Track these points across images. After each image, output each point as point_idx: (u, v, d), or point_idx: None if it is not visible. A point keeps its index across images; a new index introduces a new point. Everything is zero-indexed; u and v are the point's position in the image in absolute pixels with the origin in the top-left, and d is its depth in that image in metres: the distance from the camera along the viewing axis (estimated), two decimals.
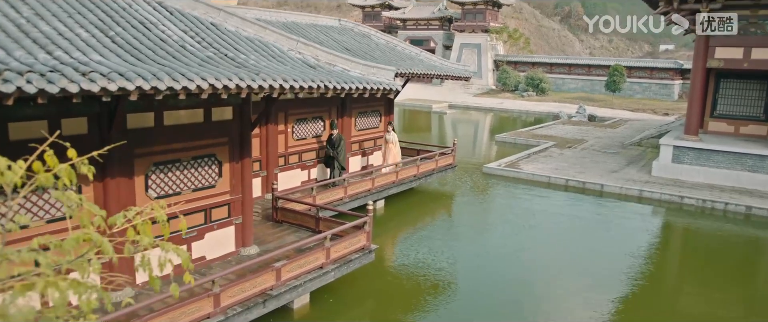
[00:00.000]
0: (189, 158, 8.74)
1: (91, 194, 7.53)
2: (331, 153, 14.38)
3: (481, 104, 47.00)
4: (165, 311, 6.86)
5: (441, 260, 12.40)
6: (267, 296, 8.16)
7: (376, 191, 14.88)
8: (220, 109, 9.07)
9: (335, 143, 14.35)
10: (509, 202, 17.81)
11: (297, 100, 14.11)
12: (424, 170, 16.96)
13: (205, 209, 9.11)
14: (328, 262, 9.31)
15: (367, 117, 16.87)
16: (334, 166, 14.45)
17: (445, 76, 17.14)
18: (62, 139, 6.41)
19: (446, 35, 61.00)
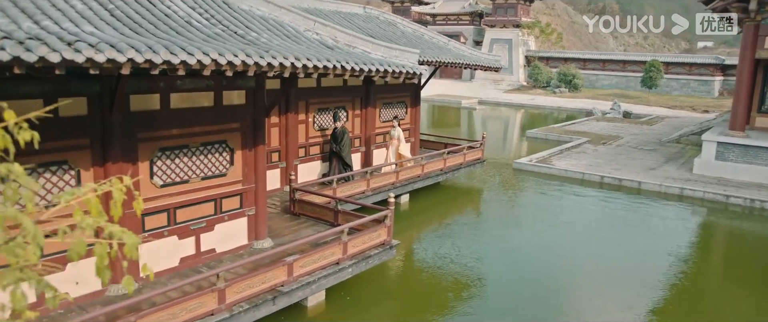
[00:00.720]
0: (198, 145, 8.21)
1: (90, 180, 7.05)
2: (334, 148, 13.32)
3: (512, 100, 45.86)
4: (164, 307, 6.32)
5: (467, 257, 11.66)
6: (277, 292, 7.58)
7: (400, 184, 14.22)
8: (232, 93, 8.52)
9: (338, 137, 13.31)
10: (540, 198, 16.93)
11: (318, 89, 13.57)
12: (451, 164, 16.22)
13: (215, 199, 8.58)
14: (345, 257, 8.69)
15: (393, 108, 16.20)
16: (336, 162, 13.43)
17: (473, 65, 16.36)
18: (59, 120, 5.93)
19: (477, 31, 59.93)
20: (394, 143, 14.69)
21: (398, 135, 14.70)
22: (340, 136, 13.27)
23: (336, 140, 13.32)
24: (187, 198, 8.17)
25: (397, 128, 14.83)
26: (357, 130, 15.01)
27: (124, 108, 7.24)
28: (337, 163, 13.36)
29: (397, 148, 14.73)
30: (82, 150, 6.94)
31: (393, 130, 14.90)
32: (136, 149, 7.46)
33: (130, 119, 7.31)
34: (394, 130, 14.85)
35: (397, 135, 14.70)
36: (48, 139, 6.69)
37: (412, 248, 12.56)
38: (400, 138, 14.73)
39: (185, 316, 6.46)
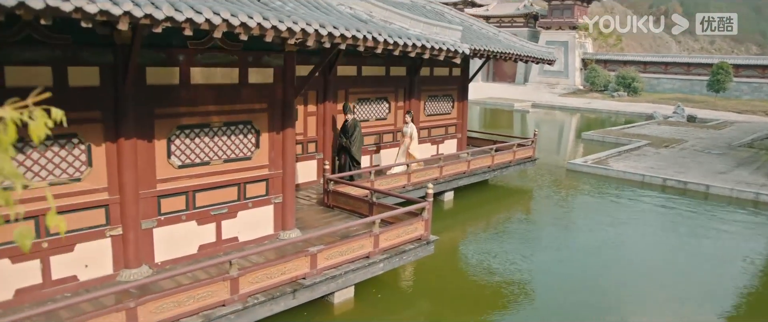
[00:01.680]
0: (220, 124, 7.66)
1: (102, 156, 6.59)
2: (344, 142, 11.90)
3: (567, 104, 44.06)
4: (169, 294, 5.73)
5: (514, 260, 10.65)
6: (298, 285, 6.89)
7: (443, 180, 13.36)
8: (258, 70, 7.93)
9: (349, 130, 11.87)
10: (596, 200, 15.67)
11: (359, 78, 12.92)
12: (499, 161, 15.24)
13: (239, 184, 8.00)
14: (376, 251, 7.93)
15: (438, 101, 15.39)
16: (345, 158, 12.00)
17: (525, 56, 15.32)
18: (69, 90, 5.44)
19: (531, 33, 58.11)
20: (406, 142, 12.98)
21: (411, 132, 13.02)
22: (350, 129, 11.91)
23: (346, 134, 11.98)
24: (208, 181, 7.62)
25: (409, 124, 13.10)
26: (400, 124, 14.25)
27: (140, 81, 6.74)
28: (347, 159, 12.04)
29: (408, 146, 13.00)
30: (94, 123, 6.48)
31: (405, 127, 13.17)
32: (151, 126, 6.95)
33: (145, 93, 6.81)
34: (407, 127, 13.11)
35: (410, 132, 13.02)
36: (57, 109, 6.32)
37: (454, 247, 11.67)
38: (413, 136, 13.02)
39: (192, 305, 5.86)
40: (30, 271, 6.20)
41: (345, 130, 11.96)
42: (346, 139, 11.91)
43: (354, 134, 11.79)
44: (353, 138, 11.79)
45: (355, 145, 11.83)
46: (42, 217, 6.19)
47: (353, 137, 11.79)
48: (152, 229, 7.11)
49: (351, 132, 11.82)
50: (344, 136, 11.97)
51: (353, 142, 11.80)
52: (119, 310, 5.32)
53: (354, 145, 11.81)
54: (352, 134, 11.79)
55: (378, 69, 13.36)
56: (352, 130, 11.83)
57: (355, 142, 11.82)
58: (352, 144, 11.80)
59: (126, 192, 6.75)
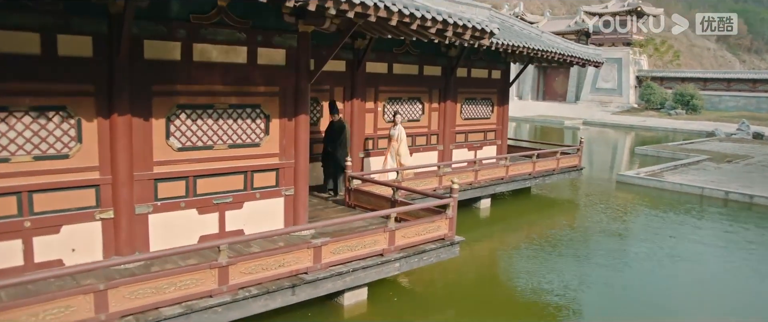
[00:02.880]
0: (226, 106, 7.13)
1: (94, 133, 6.14)
2: (329, 147, 10.32)
3: (621, 122, 42.19)
4: (147, 278, 5.15)
5: (552, 276, 9.43)
6: (298, 279, 6.20)
7: (479, 185, 12.49)
8: (268, 51, 7.40)
9: (336, 133, 10.26)
10: (648, 214, 14.34)
11: (390, 76, 12.30)
12: (541, 169, 14.24)
13: (245, 172, 7.43)
14: (391, 248, 7.17)
15: (476, 105, 14.57)
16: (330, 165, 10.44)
17: (568, 56, 14.31)
18: (58, 59, 4.99)
19: None
20: (393, 145, 11.34)
21: (398, 134, 11.33)
22: (337, 132, 10.24)
23: (332, 137, 10.26)
24: (210, 167, 7.09)
25: (397, 126, 11.37)
26: (434, 126, 13.53)
27: (137, 54, 6.30)
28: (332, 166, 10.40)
29: (397, 150, 11.38)
30: (85, 97, 6.06)
31: (393, 130, 11.43)
32: (149, 103, 6.48)
33: (143, 68, 6.36)
34: (394, 129, 11.41)
35: (397, 134, 11.33)
36: (43, 79, 5.91)
37: (489, 257, 10.73)
38: (401, 138, 11.33)
39: (174, 293, 5.25)
40: (11, 251, 5.77)
41: (331, 133, 10.35)
42: (331, 143, 10.34)
43: (340, 138, 10.26)
44: (340, 142, 10.24)
45: (342, 150, 10.26)
46: (25, 193, 5.78)
47: (340, 141, 10.25)
48: (147, 214, 6.60)
49: (337, 135, 10.27)
50: (329, 140, 10.38)
51: (339, 146, 10.24)
52: (86, 292, 4.76)
53: (340, 150, 10.24)
54: (338, 138, 10.25)
55: (410, 67, 12.71)
56: (339, 134, 10.28)
57: (341, 147, 10.26)
58: (337, 149, 10.24)
59: (118, 173, 6.28)
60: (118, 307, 4.93)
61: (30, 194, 5.83)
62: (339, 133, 10.30)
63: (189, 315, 5.32)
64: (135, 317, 5.05)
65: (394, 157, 11.43)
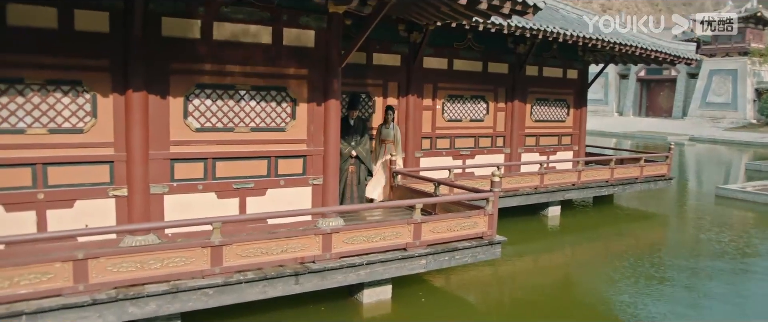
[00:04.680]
0: (248, 87, 6.90)
1: (109, 109, 6.10)
2: (347, 148, 8.48)
3: (734, 138, 38.25)
4: (131, 251, 4.92)
5: (627, 302, 7.92)
6: (304, 267, 5.74)
7: (544, 189, 11.48)
8: (296, 31, 7.11)
9: (356, 130, 8.66)
10: (754, 234, 12.45)
11: (450, 72, 11.70)
12: (621, 176, 12.91)
13: (269, 157, 7.13)
14: (416, 243, 6.54)
15: (549, 106, 13.54)
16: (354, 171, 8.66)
17: (654, 52, 12.82)
18: (75, 34, 4.98)
19: None
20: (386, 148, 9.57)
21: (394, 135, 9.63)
22: (357, 128, 8.68)
23: (349, 133, 8.53)
24: (231, 150, 6.86)
25: (392, 125, 9.69)
26: (499, 127, 12.69)
27: (154, 31, 6.22)
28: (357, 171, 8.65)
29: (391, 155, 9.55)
30: (101, 72, 6.04)
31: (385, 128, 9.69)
32: (166, 81, 6.37)
33: (160, 45, 6.27)
34: (388, 128, 9.66)
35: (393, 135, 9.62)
36: (59, 53, 5.96)
37: (553, 271, 9.57)
38: (397, 140, 9.65)
39: (160, 270, 4.99)
40: (24, 222, 5.80)
41: (348, 129, 8.51)
42: (351, 140, 8.55)
43: (364, 138, 8.77)
44: (365, 142, 8.79)
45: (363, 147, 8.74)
46: (39, 165, 5.82)
47: (364, 141, 8.78)
48: (163, 195, 6.46)
49: (359, 132, 8.70)
50: (347, 139, 8.47)
51: (364, 148, 8.75)
52: (65, 260, 4.60)
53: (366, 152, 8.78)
54: (360, 136, 8.70)
55: (473, 64, 12.02)
56: (361, 131, 8.72)
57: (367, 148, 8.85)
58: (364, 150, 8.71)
59: (133, 150, 6.19)
60: (98, 278, 4.74)
61: (44, 166, 5.86)
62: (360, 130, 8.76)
63: (176, 294, 5.04)
64: (117, 291, 4.82)
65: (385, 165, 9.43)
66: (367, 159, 8.76)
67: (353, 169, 8.69)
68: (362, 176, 8.82)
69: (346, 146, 8.50)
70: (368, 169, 8.82)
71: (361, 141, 8.74)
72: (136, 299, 4.82)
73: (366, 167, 8.76)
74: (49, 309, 4.50)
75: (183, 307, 5.08)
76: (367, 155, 8.79)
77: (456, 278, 8.22)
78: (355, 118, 8.77)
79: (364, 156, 8.71)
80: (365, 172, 8.79)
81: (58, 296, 4.61)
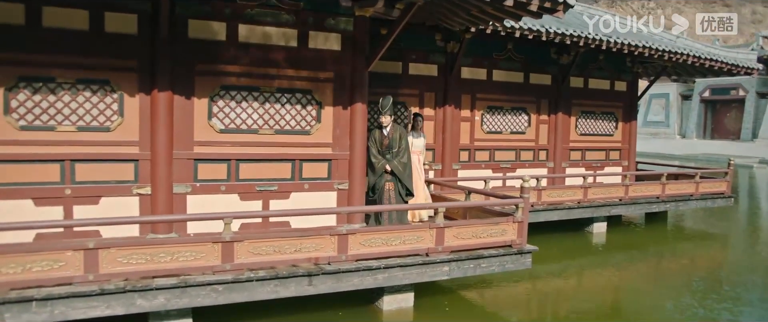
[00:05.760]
0: (273, 90, 6.92)
1: (135, 109, 6.24)
2: (381, 162, 7.40)
3: None
4: (140, 244, 4.94)
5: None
6: (318, 268, 5.61)
7: (588, 204, 10.95)
8: (322, 35, 7.11)
9: (392, 144, 7.44)
10: None
11: (489, 83, 11.46)
12: (673, 192, 12.17)
13: (293, 160, 7.11)
14: (438, 248, 6.30)
15: (595, 119, 13.03)
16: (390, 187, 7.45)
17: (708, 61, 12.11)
18: (105, 36, 5.21)
19: (762, 81, 49.36)
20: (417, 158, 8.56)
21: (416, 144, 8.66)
22: (393, 141, 7.44)
23: (385, 147, 7.46)
24: (254, 152, 6.87)
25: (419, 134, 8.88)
26: (542, 140, 12.28)
27: (181, 33, 6.36)
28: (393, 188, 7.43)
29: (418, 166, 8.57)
30: (128, 72, 6.20)
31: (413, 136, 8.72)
32: (191, 82, 6.48)
33: (186, 47, 6.40)
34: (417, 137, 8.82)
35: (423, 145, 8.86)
36: (89, 54, 6.15)
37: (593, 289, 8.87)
38: (421, 150, 8.78)
39: (169, 263, 4.98)
40: (52, 216, 5.96)
41: (380, 141, 7.46)
42: (383, 153, 7.43)
43: (401, 148, 7.46)
44: (402, 155, 7.44)
45: (406, 166, 7.48)
46: (68, 161, 5.99)
47: (402, 154, 7.44)
48: (186, 195, 6.52)
49: (396, 145, 7.45)
50: (379, 148, 7.45)
51: (402, 161, 7.43)
52: (76, 249, 4.66)
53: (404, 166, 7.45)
54: (399, 149, 7.45)
55: (514, 74, 11.73)
56: (399, 143, 7.46)
57: (405, 162, 7.46)
58: (402, 164, 7.42)
59: (158, 150, 6.29)
60: (108, 269, 4.77)
61: (72, 162, 6.04)
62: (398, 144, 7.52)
63: (185, 289, 5.00)
64: (125, 282, 4.84)
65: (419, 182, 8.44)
66: (403, 175, 7.40)
67: (391, 186, 7.44)
68: (402, 193, 7.48)
69: (380, 160, 7.40)
70: (407, 187, 7.45)
71: (398, 153, 7.45)
72: (145, 291, 4.82)
73: (404, 184, 7.43)
74: (59, 297, 4.56)
75: (192, 302, 5.05)
76: (405, 171, 7.44)
77: (490, 293, 7.86)
78: (390, 124, 7.55)
79: (400, 171, 7.38)
80: (404, 190, 7.46)
81: (69, 284, 4.65)
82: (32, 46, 5.82)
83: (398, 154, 7.47)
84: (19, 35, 5.78)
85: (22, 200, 5.85)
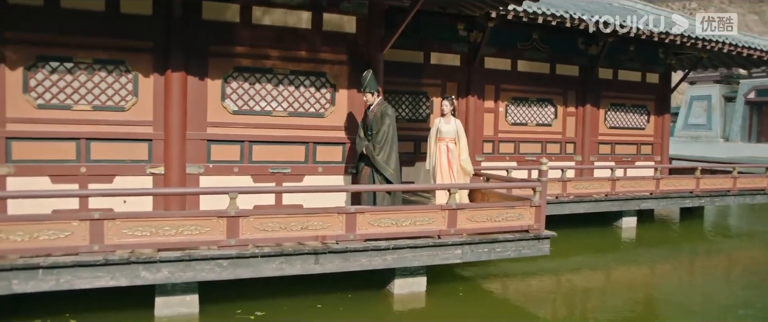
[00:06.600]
0: (287, 72, 6.92)
1: (150, 89, 6.32)
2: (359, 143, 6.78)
3: None
4: (145, 217, 4.97)
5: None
6: (325, 246, 5.54)
7: (615, 197, 10.58)
8: (336, 17, 7.09)
9: (371, 126, 6.68)
10: None
11: (514, 74, 11.24)
12: (708, 187, 11.66)
13: (307, 143, 7.09)
14: (451, 231, 6.15)
15: (625, 112, 12.63)
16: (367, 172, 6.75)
17: (745, 49, 11.55)
18: (121, 16, 5.31)
19: None
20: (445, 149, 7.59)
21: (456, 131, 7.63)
22: (372, 122, 6.67)
23: (367, 131, 6.75)
24: (268, 133, 6.88)
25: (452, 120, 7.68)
26: (569, 133, 11.97)
27: (194, 14, 6.43)
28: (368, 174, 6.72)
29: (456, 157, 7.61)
30: (143, 53, 6.30)
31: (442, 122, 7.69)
32: (205, 63, 6.53)
33: (200, 28, 6.46)
34: (447, 123, 7.65)
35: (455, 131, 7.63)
36: (106, 34, 6.27)
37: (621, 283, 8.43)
38: (460, 138, 7.62)
39: (174, 237, 4.98)
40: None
41: (365, 127, 6.81)
42: (365, 138, 6.74)
43: (380, 131, 6.59)
44: (380, 138, 6.57)
45: (382, 150, 6.57)
46: (83, 140, 6.10)
47: (380, 136, 6.57)
48: (198, 175, 6.56)
49: (376, 127, 6.64)
50: (363, 133, 6.79)
51: (378, 144, 6.57)
52: (82, 219, 4.71)
53: (380, 150, 6.56)
54: (376, 131, 6.62)
55: (540, 65, 11.48)
56: (379, 124, 6.62)
57: (382, 146, 6.56)
58: (377, 148, 6.57)
59: (171, 130, 6.36)
60: (113, 240, 4.80)
61: (87, 141, 6.15)
62: (378, 124, 6.64)
63: (189, 262, 5.00)
64: (130, 253, 4.87)
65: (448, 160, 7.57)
66: (376, 160, 6.57)
67: (367, 171, 6.75)
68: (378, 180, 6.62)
69: (361, 141, 6.74)
70: (380, 172, 6.60)
71: (376, 136, 6.58)
72: (148, 263, 4.84)
73: (377, 167, 6.60)
74: (64, 266, 4.61)
75: (196, 276, 5.04)
76: (378, 155, 6.57)
77: (511, 284, 7.58)
78: (374, 103, 6.72)
79: (372, 155, 6.57)
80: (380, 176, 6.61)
81: (75, 254, 4.70)
82: (51, 27, 5.97)
83: (377, 136, 6.60)
84: (39, 16, 5.92)
85: (39, 177, 5.99)
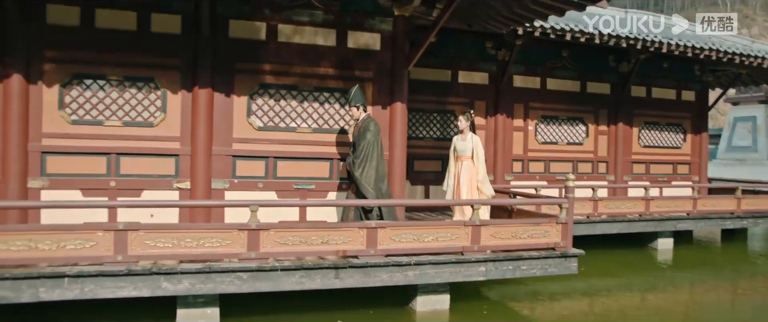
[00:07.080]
0: (311, 89, 7.00)
1: (177, 105, 6.48)
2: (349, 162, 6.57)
3: None
4: (168, 229, 5.04)
5: None
6: (345, 261, 5.51)
7: (651, 217, 10.25)
8: (361, 34, 7.16)
9: (356, 140, 6.58)
10: None
11: (543, 92, 11.14)
12: (750, 208, 11.21)
13: (331, 160, 7.12)
14: (474, 247, 6.05)
15: (660, 131, 12.35)
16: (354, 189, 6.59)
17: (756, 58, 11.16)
18: (151, 35, 5.53)
19: None
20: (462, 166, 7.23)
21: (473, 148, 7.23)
22: (356, 138, 6.56)
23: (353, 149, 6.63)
24: (292, 150, 6.93)
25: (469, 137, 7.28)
26: (601, 152, 11.73)
27: (222, 33, 6.59)
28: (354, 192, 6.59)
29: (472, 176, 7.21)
30: (171, 70, 6.47)
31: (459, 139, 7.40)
32: (231, 80, 6.66)
33: (227, 46, 6.61)
34: (464, 140, 7.31)
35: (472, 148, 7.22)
36: (136, 52, 6.47)
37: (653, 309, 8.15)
38: (478, 154, 7.22)
39: (197, 249, 5.04)
40: (97, 208, 6.22)
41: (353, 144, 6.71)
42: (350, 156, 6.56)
43: (361, 146, 6.42)
44: (359, 153, 6.40)
45: (361, 166, 6.38)
46: (113, 155, 6.27)
47: (359, 152, 6.40)
48: (224, 191, 6.65)
49: (358, 142, 6.48)
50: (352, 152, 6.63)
51: (358, 160, 6.39)
52: (107, 229, 4.81)
53: (358, 165, 6.38)
54: (359, 146, 6.45)
55: (570, 83, 11.35)
56: (361, 139, 6.45)
57: (361, 161, 6.37)
58: (356, 164, 6.39)
59: (197, 145, 6.48)
60: (137, 251, 4.88)
61: (117, 156, 6.32)
62: (361, 139, 6.47)
63: (209, 274, 5.04)
64: (152, 264, 4.94)
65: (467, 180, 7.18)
66: (357, 179, 6.36)
67: (352, 189, 6.60)
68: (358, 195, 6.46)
69: (349, 157, 6.62)
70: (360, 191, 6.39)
71: (357, 153, 6.42)
72: (170, 275, 4.89)
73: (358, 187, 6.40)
74: (89, 275, 4.71)
75: (216, 288, 5.07)
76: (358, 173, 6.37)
77: (539, 306, 7.34)
78: (359, 118, 6.60)
79: (353, 174, 6.39)
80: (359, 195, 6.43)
81: (99, 264, 4.80)
82: (85, 46, 6.20)
83: (357, 152, 6.46)
84: (75, 35, 6.17)
85: (71, 191, 6.17)
